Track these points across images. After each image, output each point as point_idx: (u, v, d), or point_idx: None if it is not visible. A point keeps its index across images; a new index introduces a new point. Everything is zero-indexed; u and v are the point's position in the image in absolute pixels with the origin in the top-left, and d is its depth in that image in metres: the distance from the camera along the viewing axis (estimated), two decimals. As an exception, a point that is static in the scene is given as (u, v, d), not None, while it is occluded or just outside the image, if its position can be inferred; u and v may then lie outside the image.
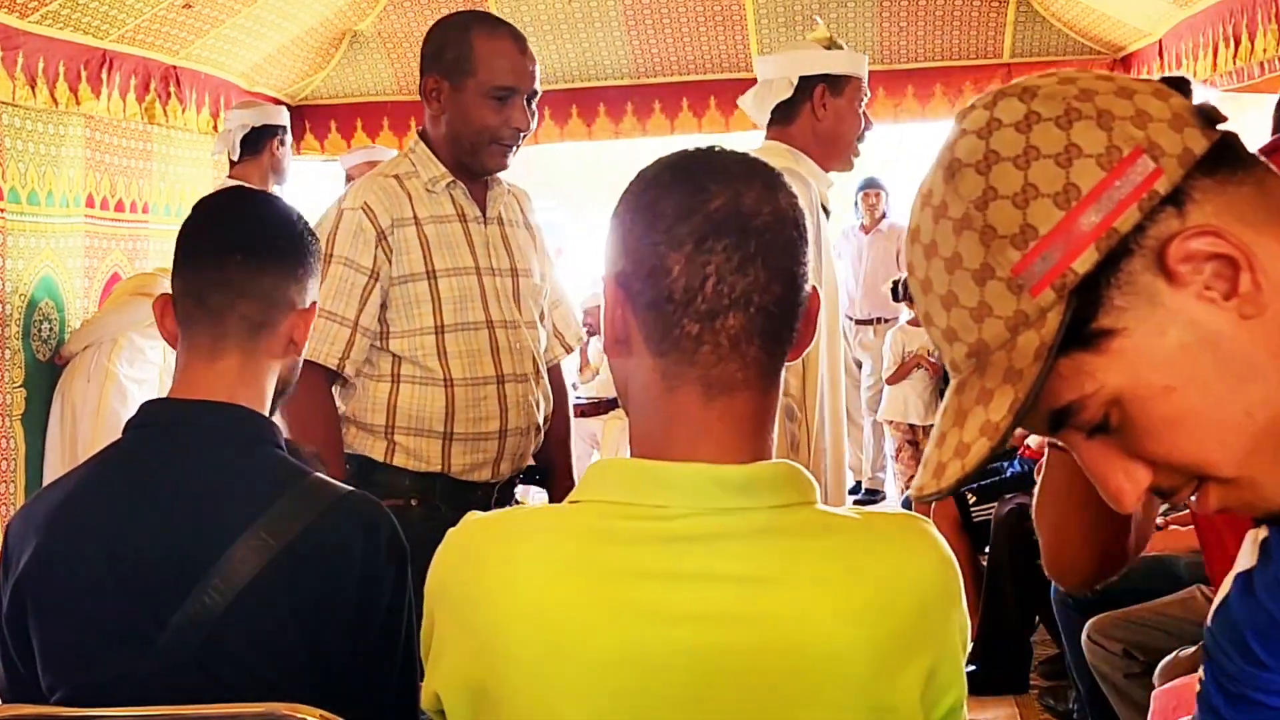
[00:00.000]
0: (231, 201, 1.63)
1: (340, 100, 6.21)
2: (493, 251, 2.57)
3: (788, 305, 1.11)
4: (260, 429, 1.50)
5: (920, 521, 1.15)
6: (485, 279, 2.53)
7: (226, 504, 1.41)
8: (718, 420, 1.11)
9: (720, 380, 1.10)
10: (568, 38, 5.89)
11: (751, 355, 1.10)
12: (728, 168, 1.14)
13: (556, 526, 1.12)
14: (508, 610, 1.07)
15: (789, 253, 1.11)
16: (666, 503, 1.07)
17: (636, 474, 1.11)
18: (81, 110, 4.29)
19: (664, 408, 1.13)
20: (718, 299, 1.08)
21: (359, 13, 5.62)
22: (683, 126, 6.10)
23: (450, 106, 2.49)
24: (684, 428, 1.11)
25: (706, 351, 1.10)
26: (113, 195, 4.61)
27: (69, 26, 4.09)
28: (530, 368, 2.58)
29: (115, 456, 1.49)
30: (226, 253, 1.50)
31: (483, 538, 1.14)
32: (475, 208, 2.56)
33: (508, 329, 2.54)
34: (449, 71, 2.48)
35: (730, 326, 1.09)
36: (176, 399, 1.50)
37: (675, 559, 1.06)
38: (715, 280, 1.08)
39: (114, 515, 1.42)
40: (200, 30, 4.76)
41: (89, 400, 4.00)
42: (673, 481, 1.09)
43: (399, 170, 2.55)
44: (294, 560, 1.37)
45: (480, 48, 2.47)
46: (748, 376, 1.11)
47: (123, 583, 1.38)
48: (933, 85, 5.93)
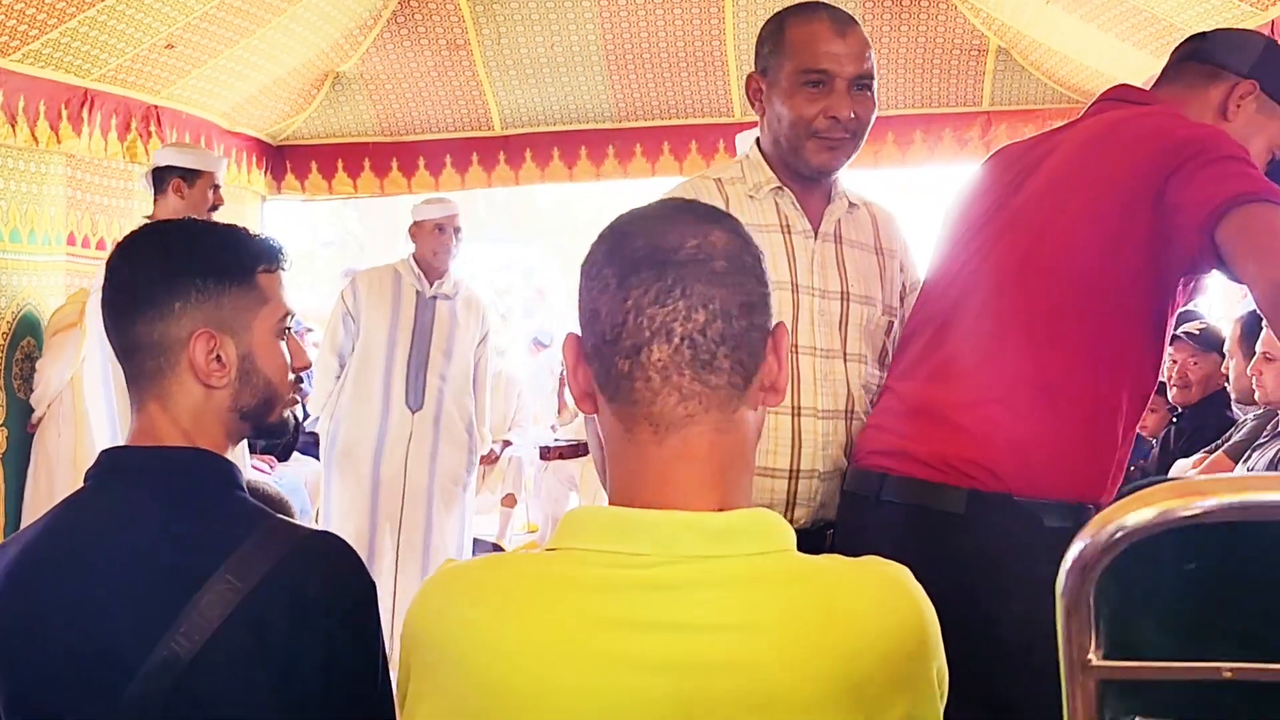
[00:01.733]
0: (111, 258, 1.52)
1: (322, 141, 6.22)
2: (819, 270, 2.30)
3: (719, 334, 1.10)
4: (221, 472, 1.48)
5: (898, 570, 1.15)
6: (803, 298, 2.26)
7: (191, 549, 1.39)
8: (675, 460, 1.11)
9: (663, 417, 1.11)
10: (550, 80, 5.93)
11: (688, 388, 1.10)
12: (657, 212, 1.17)
13: (533, 575, 1.11)
14: (483, 662, 1.06)
15: (717, 282, 1.10)
16: (644, 551, 1.07)
17: (613, 522, 1.11)
18: (62, 149, 4.29)
19: (625, 452, 1.14)
20: (639, 332, 1.10)
21: (341, 54, 5.64)
22: (664, 170, 6.13)
23: (768, 103, 2.27)
24: (646, 471, 1.12)
25: (640, 387, 1.10)
26: (94, 233, 4.60)
27: (50, 65, 4.09)
28: (843, 405, 2.28)
29: (77, 505, 1.47)
30: (109, 315, 1.49)
31: (459, 588, 1.13)
32: (804, 220, 2.30)
33: (818, 356, 2.27)
34: (765, 65, 2.27)
35: (656, 360, 1.09)
36: (136, 446, 1.48)
37: (654, 608, 1.06)
38: (634, 314, 1.10)
39: (77, 565, 1.40)
40: (182, 70, 4.77)
41: (63, 450, 3.97)
42: (649, 530, 1.08)
43: (723, 174, 2.36)
44: (261, 603, 1.35)
45: (793, 33, 2.24)
46: (691, 410, 1.10)
47: (88, 632, 1.36)
48: (912, 132, 5.98)
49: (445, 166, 6.23)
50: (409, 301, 4.76)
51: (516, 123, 6.20)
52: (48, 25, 3.87)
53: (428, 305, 4.77)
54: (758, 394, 1.15)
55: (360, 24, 5.45)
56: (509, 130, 6.21)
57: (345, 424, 4.69)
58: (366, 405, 4.70)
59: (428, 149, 6.23)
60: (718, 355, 1.10)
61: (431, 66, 5.85)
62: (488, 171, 6.25)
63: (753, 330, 1.12)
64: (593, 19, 5.55)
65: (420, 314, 4.75)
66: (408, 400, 4.71)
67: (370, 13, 5.43)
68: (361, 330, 4.72)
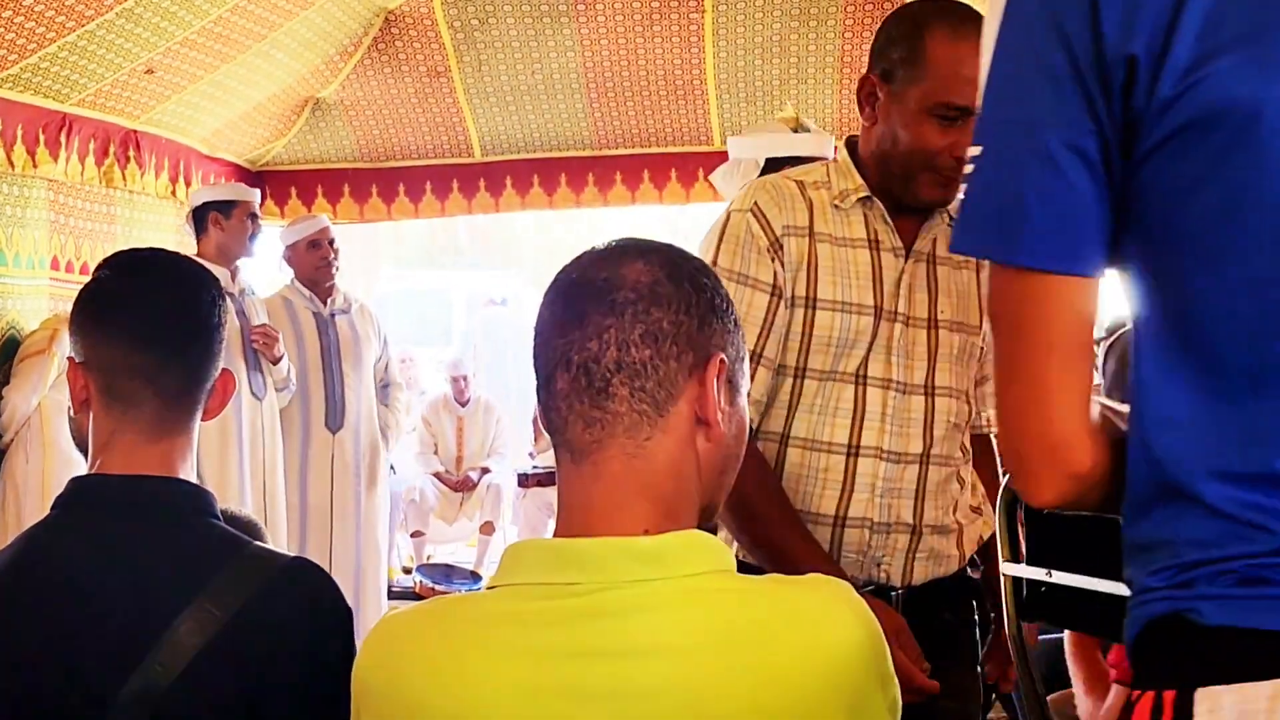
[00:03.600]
0: (149, 275, 1.52)
1: (302, 167, 6.22)
2: (906, 294, 2.04)
3: (615, 362, 1.11)
4: (199, 501, 1.48)
5: (841, 588, 1.14)
6: (884, 325, 2.01)
7: (168, 577, 1.38)
8: (591, 484, 1.12)
9: (575, 443, 1.13)
10: (530, 108, 5.94)
11: (589, 415, 1.12)
12: (597, 249, 1.20)
13: (472, 615, 1.13)
14: (428, 706, 1.08)
15: (616, 313, 1.12)
16: (577, 580, 1.08)
17: (546, 553, 1.12)
18: (40, 174, 4.27)
19: (559, 481, 1.17)
20: (548, 363, 1.15)
21: (322, 80, 5.64)
22: (644, 198, 6.14)
23: (884, 117, 1.98)
24: (572, 497, 1.14)
25: (554, 416, 1.14)
26: (77, 258, 4.59)
27: (29, 90, 4.08)
28: (918, 447, 2.03)
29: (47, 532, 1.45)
30: (158, 338, 1.47)
31: (403, 635, 1.15)
32: (895, 236, 2.04)
33: (892, 390, 2.02)
34: (890, 72, 1.96)
35: (560, 389, 1.13)
36: (112, 475, 1.46)
37: (591, 636, 1.06)
38: (545, 346, 1.15)
39: (46, 595, 1.38)
40: (161, 95, 4.76)
41: (31, 477, 3.94)
42: (580, 557, 1.09)
43: (807, 177, 2.09)
44: (240, 631, 1.35)
45: (935, 49, 1.91)
46: (596, 436, 1.12)
47: (61, 661, 1.35)
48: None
49: (425, 193, 6.23)
50: (309, 325, 4.75)
51: (497, 149, 6.20)
52: (26, 50, 3.86)
53: (328, 324, 4.77)
54: (687, 425, 1.14)
55: (341, 50, 5.45)
56: (489, 157, 6.22)
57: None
58: (287, 433, 4.67)
59: (408, 175, 6.23)
60: (612, 383, 1.12)
61: (412, 93, 5.85)
62: (468, 198, 6.25)
63: (659, 359, 1.12)
64: (573, 47, 5.56)
65: (323, 334, 4.75)
66: (328, 422, 4.71)
67: (351, 39, 5.43)
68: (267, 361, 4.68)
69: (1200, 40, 0.91)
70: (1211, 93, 0.90)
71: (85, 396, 1.48)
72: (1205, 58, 0.90)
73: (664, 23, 5.47)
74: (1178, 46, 0.91)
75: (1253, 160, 0.90)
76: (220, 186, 4.57)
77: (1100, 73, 0.93)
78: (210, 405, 1.53)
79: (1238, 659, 0.90)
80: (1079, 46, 0.93)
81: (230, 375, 1.55)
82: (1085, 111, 0.94)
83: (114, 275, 1.52)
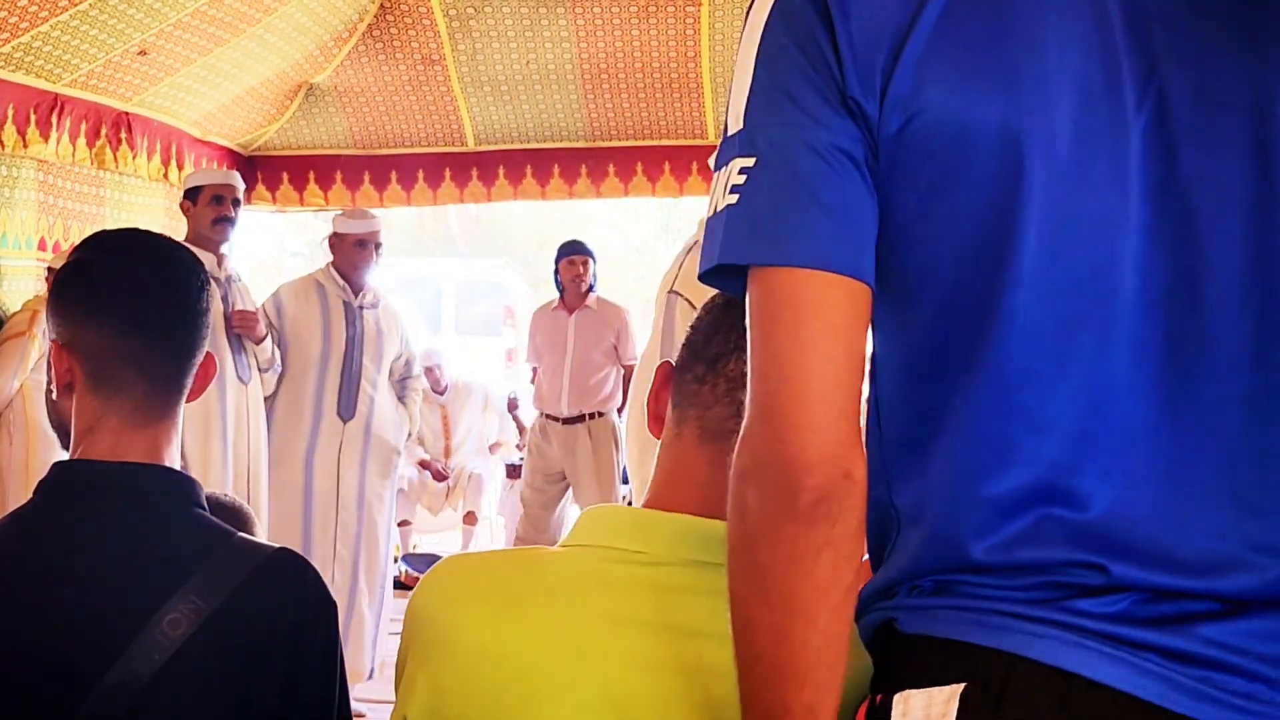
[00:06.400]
0: (136, 257, 1.49)
1: (294, 152, 6.20)
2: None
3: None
4: (184, 489, 1.46)
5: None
6: None
7: (153, 567, 1.37)
8: (707, 467, 1.15)
9: (712, 423, 1.16)
10: (524, 98, 5.92)
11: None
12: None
13: (540, 568, 1.15)
14: (482, 647, 1.09)
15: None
16: (649, 549, 1.10)
17: (626, 519, 1.15)
18: (30, 154, 4.25)
19: (668, 453, 1.20)
20: (725, 343, 1.18)
21: (316, 66, 5.62)
22: (637, 190, 6.14)
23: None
24: (679, 470, 1.17)
25: (705, 391, 1.17)
26: (65, 238, 4.57)
27: (21, 69, 4.06)
28: None
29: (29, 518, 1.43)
30: (146, 321, 1.45)
31: (468, 573, 1.17)
32: None
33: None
34: None
35: (731, 370, 1.16)
36: (97, 460, 1.45)
37: (648, 608, 1.08)
38: (726, 329, 1.18)
39: (27, 581, 1.37)
40: (154, 78, 4.74)
41: (14, 460, 3.92)
42: (658, 529, 1.12)
43: None
44: (224, 622, 1.34)
45: None
46: (737, 426, 1.09)
47: (42, 649, 1.34)
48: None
49: (418, 181, 6.22)
50: (338, 312, 4.75)
51: (490, 139, 6.19)
52: (19, 29, 3.83)
53: (356, 315, 4.77)
54: None
55: (335, 36, 5.43)
56: (482, 146, 6.21)
57: (275, 435, 4.67)
58: (297, 416, 4.69)
59: (400, 163, 6.22)
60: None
61: (406, 80, 5.83)
62: (460, 187, 6.24)
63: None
64: (569, 38, 5.55)
65: (350, 324, 4.76)
66: (340, 410, 4.71)
67: (345, 25, 5.41)
68: (291, 343, 4.70)
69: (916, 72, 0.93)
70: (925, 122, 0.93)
71: (69, 380, 1.46)
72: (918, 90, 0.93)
73: (660, 15, 5.45)
74: (898, 85, 0.93)
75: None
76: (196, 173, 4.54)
77: (847, 104, 0.95)
78: (192, 388, 1.52)
79: (928, 665, 0.95)
80: (827, 80, 0.95)
81: (212, 357, 1.53)
82: (851, 123, 0.95)
83: (99, 257, 1.49)
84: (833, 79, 0.93)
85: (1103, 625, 0.92)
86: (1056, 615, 0.93)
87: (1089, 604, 0.93)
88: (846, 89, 0.93)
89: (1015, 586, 0.95)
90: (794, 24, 0.95)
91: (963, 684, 0.93)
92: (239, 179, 4.60)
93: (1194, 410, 0.95)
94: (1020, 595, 0.95)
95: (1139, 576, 0.93)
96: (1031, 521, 0.95)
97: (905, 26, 0.92)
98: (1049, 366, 0.94)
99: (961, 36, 0.92)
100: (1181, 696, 0.90)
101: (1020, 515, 0.95)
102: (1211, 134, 0.95)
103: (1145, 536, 0.94)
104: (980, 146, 0.92)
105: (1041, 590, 0.94)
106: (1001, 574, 0.95)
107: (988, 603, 0.95)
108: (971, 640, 0.95)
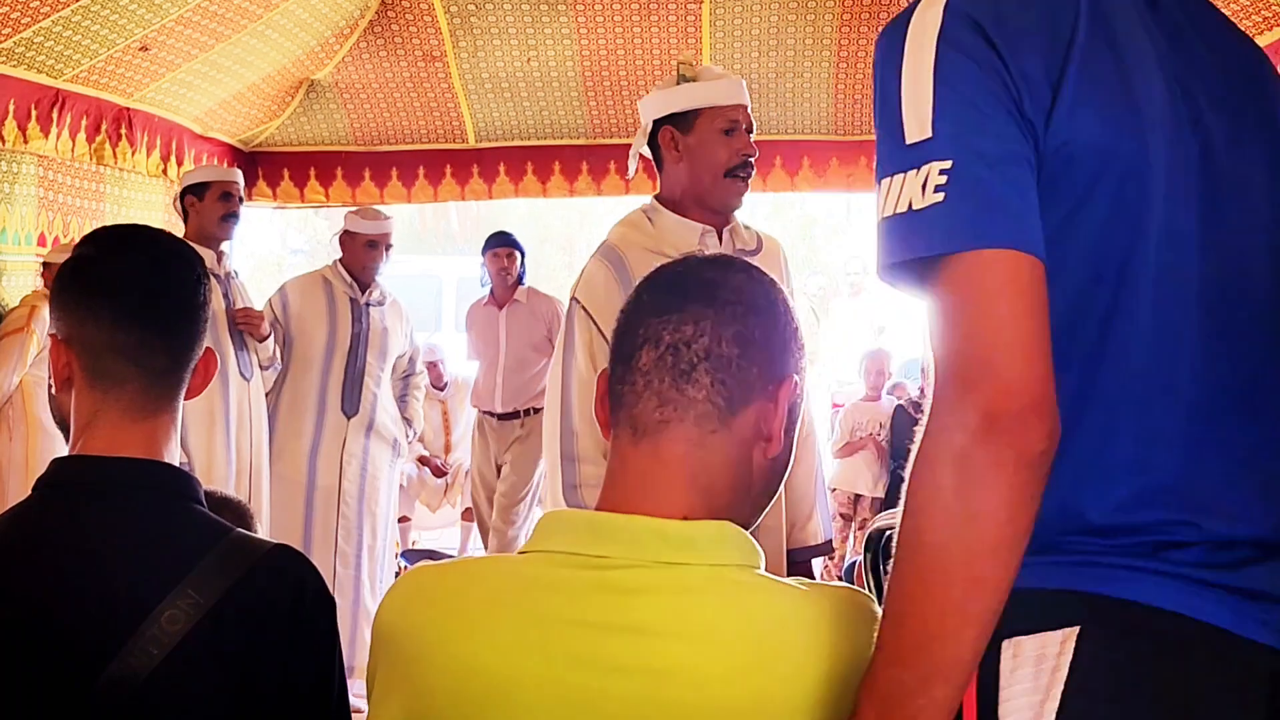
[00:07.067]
0: (134, 252, 1.50)
1: (295, 148, 6.20)
2: None
3: (704, 350, 1.16)
4: (182, 485, 1.46)
5: (865, 598, 1.16)
6: None
7: (151, 563, 1.37)
8: (647, 462, 1.16)
9: (642, 419, 1.17)
10: (525, 95, 5.92)
11: (665, 394, 1.16)
12: (703, 256, 1.27)
13: (501, 575, 1.15)
14: (447, 657, 1.10)
15: (717, 308, 1.18)
16: (609, 553, 1.11)
17: (582, 524, 1.15)
18: (30, 149, 4.25)
19: (612, 455, 1.20)
20: (633, 340, 1.20)
21: (317, 62, 5.62)
22: (638, 188, 6.13)
23: None
24: (623, 471, 1.18)
25: (626, 390, 1.18)
26: (65, 234, 4.57)
27: (22, 64, 4.06)
28: None
29: (26, 516, 1.43)
30: (142, 315, 1.45)
31: (431, 585, 1.17)
32: None
33: None
34: None
35: (643, 364, 1.17)
36: (95, 456, 1.45)
37: (613, 610, 1.08)
38: (637, 324, 1.20)
39: (26, 578, 1.37)
40: (155, 74, 4.74)
41: (14, 455, 3.93)
42: (616, 532, 1.12)
43: None
44: (223, 618, 1.34)
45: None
46: (665, 416, 1.16)
47: (40, 646, 1.34)
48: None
49: (418, 178, 6.22)
50: (344, 308, 4.76)
51: (491, 136, 6.19)
52: (20, 24, 3.83)
53: (363, 311, 4.79)
54: (748, 432, 1.17)
55: (336, 32, 5.43)
56: (483, 143, 6.21)
57: (278, 429, 4.68)
58: (300, 411, 4.70)
59: (401, 160, 6.22)
60: (697, 369, 1.15)
61: (407, 77, 5.83)
62: (461, 184, 6.24)
63: (745, 361, 1.16)
64: (570, 36, 5.55)
65: (356, 320, 4.77)
66: (343, 406, 4.73)
67: (347, 21, 5.41)
68: (296, 338, 4.71)
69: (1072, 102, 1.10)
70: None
71: (68, 374, 1.46)
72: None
73: (661, 13, 5.45)
74: (1058, 114, 1.09)
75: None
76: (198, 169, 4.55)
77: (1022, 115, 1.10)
78: (192, 384, 1.52)
79: (1034, 613, 1.06)
80: (1008, 100, 1.10)
81: (213, 354, 1.53)
82: (1027, 136, 1.10)
83: (98, 252, 1.50)
84: (1013, 100, 1.07)
85: (1193, 571, 1.07)
86: (1156, 565, 1.07)
87: (1180, 554, 1.08)
88: (1023, 110, 1.08)
89: (1118, 545, 1.08)
90: (971, 52, 1.08)
91: (1078, 625, 1.05)
92: (241, 176, 4.61)
93: (1237, 392, 1.14)
94: (1122, 549, 1.08)
95: (1216, 530, 1.09)
96: (1134, 490, 1.09)
97: (1059, 68, 1.09)
98: (1157, 360, 1.11)
99: (1098, 80, 1.10)
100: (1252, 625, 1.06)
101: (1124, 483, 1.10)
102: (1241, 168, 1.18)
103: (1215, 499, 1.10)
104: (1114, 168, 1.09)
105: (1140, 546, 1.07)
106: (1109, 535, 1.09)
107: (1093, 556, 1.08)
108: (1082, 589, 1.07)
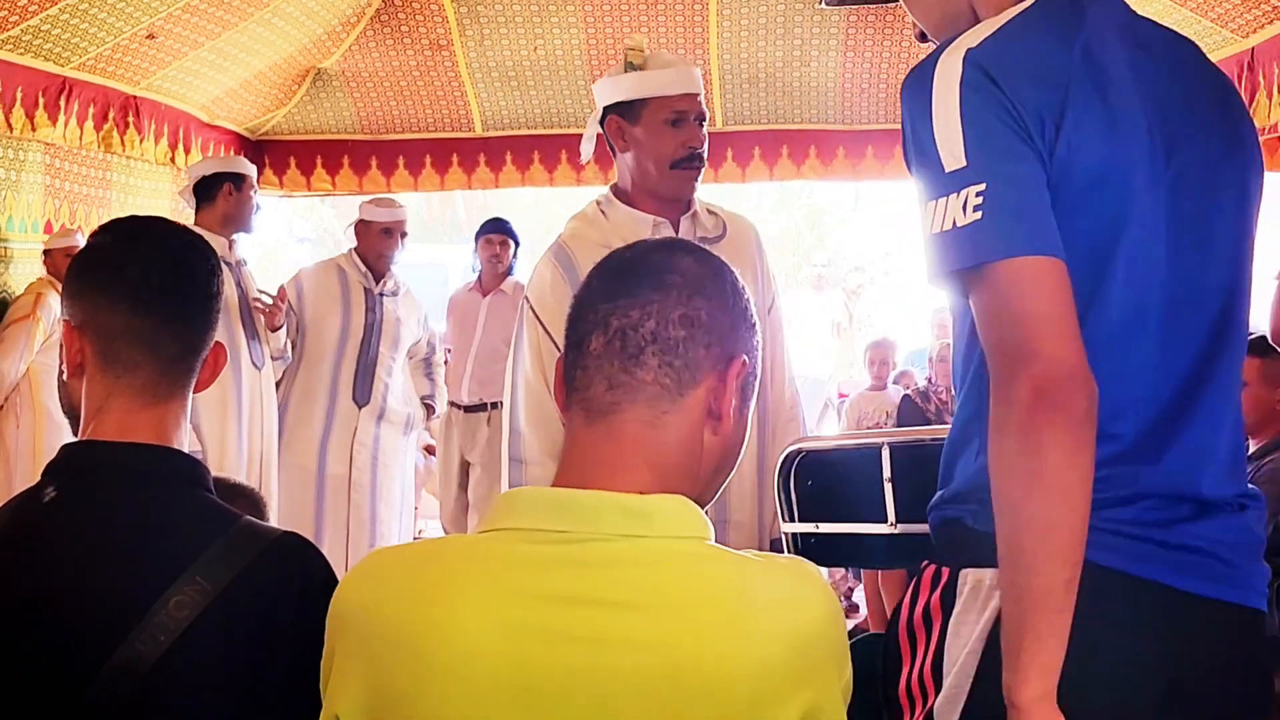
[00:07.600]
0: (149, 241, 1.53)
1: (301, 137, 6.20)
2: None
3: (650, 333, 1.19)
4: (191, 472, 1.47)
5: (811, 571, 1.20)
6: None
7: (159, 549, 1.37)
8: (601, 442, 1.19)
9: (594, 402, 1.20)
10: (532, 84, 5.92)
11: (615, 377, 1.19)
12: (652, 241, 1.34)
13: (462, 554, 1.17)
14: (411, 637, 1.11)
15: (664, 291, 1.22)
16: (569, 528, 1.13)
17: (543, 500, 1.17)
18: (38, 137, 4.26)
19: (567, 437, 1.24)
20: (583, 326, 1.23)
21: (324, 51, 5.62)
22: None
23: None
24: (577, 451, 1.21)
25: (579, 374, 1.22)
26: (71, 222, 4.58)
27: (29, 52, 4.06)
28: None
29: (36, 501, 1.44)
30: (157, 301, 1.47)
31: (391, 567, 1.19)
32: None
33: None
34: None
35: (593, 349, 1.21)
36: (104, 441, 1.46)
37: (575, 583, 1.11)
38: (587, 309, 1.24)
39: (34, 563, 1.38)
40: (162, 61, 4.74)
41: (21, 443, 3.94)
42: (575, 507, 1.15)
43: None
44: (230, 605, 1.34)
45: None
46: (616, 399, 1.19)
47: (47, 631, 1.34)
48: (893, 147, 6.00)
49: (425, 166, 6.22)
50: (358, 298, 4.77)
51: (498, 125, 6.19)
52: (28, 11, 3.84)
53: (376, 301, 4.80)
54: (700, 411, 1.20)
55: (343, 21, 5.43)
56: (490, 132, 6.20)
57: (290, 417, 4.69)
58: (312, 400, 4.71)
59: (407, 148, 6.22)
60: (645, 352, 1.19)
61: (414, 66, 5.83)
62: (467, 173, 6.24)
63: (692, 343, 1.19)
64: (576, 24, 5.54)
65: (370, 310, 4.78)
66: (355, 395, 4.73)
67: (354, 10, 5.41)
68: (309, 326, 4.72)
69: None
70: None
71: (80, 360, 1.48)
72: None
73: (668, 1, 5.45)
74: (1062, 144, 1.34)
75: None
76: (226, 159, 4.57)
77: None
78: (202, 377, 1.54)
79: (986, 553, 1.32)
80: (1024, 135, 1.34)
81: (222, 348, 1.55)
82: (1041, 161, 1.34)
83: (115, 240, 1.52)
84: (1027, 134, 1.32)
85: (1124, 527, 1.35)
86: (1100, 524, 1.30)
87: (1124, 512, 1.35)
88: (1033, 142, 1.32)
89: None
90: (989, 98, 1.33)
91: None
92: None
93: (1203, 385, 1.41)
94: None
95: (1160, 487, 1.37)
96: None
97: (1059, 107, 1.33)
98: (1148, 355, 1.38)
99: (1093, 114, 1.34)
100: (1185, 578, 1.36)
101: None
102: (1210, 197, 1.43)
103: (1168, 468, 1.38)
104: (1104, 187, 1.34)
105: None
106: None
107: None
108: None
